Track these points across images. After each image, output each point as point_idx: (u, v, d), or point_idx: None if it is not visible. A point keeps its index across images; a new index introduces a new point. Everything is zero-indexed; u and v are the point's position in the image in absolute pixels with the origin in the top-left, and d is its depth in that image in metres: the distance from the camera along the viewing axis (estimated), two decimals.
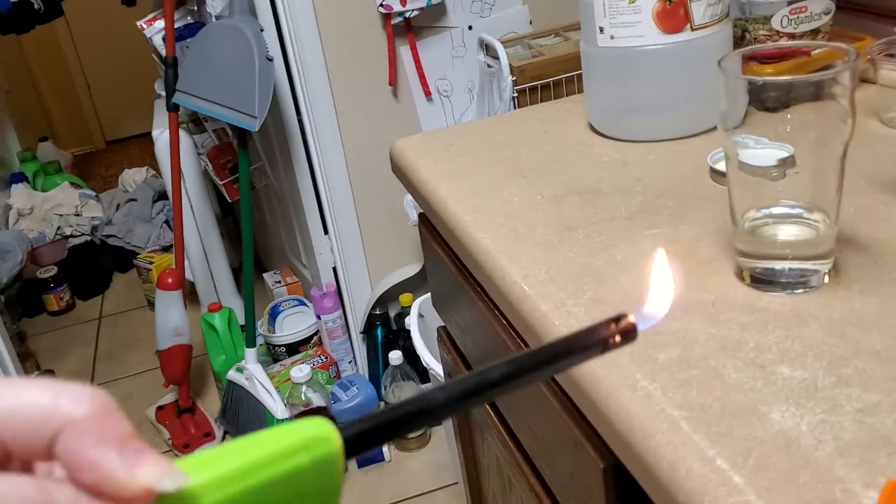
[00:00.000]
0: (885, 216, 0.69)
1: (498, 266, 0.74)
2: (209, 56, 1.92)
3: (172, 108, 2.03)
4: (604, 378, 0.56)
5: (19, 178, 3.58)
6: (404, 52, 2.01)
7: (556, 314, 0.65)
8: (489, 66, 1.91)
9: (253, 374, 2.01)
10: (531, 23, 2.05)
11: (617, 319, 0.34)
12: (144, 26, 2.17)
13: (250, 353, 2.03)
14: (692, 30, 0.87)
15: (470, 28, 2.02)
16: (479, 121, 1.60)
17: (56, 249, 3.28)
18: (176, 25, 2.10)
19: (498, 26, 2.00)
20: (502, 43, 1.87)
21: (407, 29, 1.98)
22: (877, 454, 0.45)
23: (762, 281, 0.62)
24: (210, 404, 2.30)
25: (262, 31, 1.87)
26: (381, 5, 1.91)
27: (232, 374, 2.08)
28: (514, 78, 1.81)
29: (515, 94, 1.81)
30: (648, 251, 0.70)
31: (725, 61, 0.59)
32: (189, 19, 2.17)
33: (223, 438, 2.19)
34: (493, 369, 0.32)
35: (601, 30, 0.90)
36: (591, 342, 0.33)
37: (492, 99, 1.91)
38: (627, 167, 0.88)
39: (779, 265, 0.62)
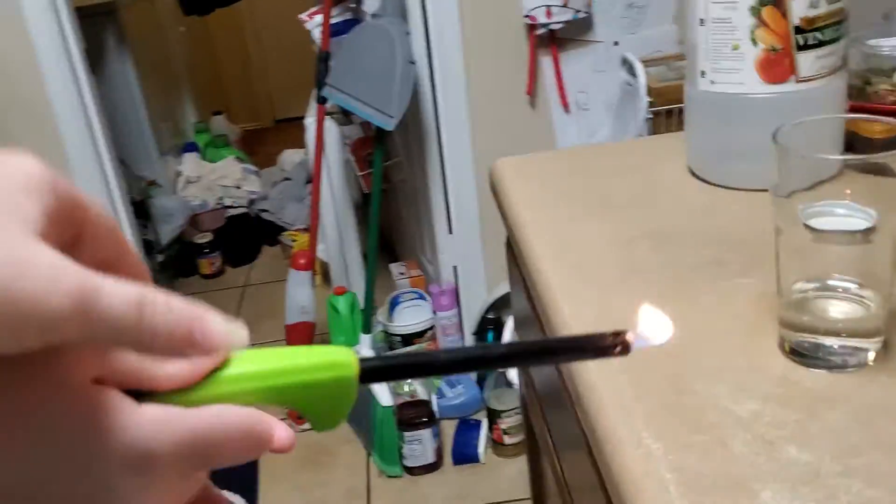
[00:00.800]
0: None
1: (552, 300, 0.75)
2: (357, 54, 2.01)
3: (320, 100, 2.14)
4: (613, 430, 0.57)
5: (191, 147, 3.85)
6: (546, 62, 2.02)
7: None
8: (629, 84, 1.90)
9: None
10: (680, 43, 2.01)
11: (617, 334, 0.37)
12: (306, 19, 2.29)
13: (365, 339, 2.12)
14: (797, 81, 0.85)
15: (616, 44, 2.01)
16: (586, 147, 1.61)
17: (215, 217, 3.52)
18: (334, 21, 2.21)
19: (645, 44, 1.98)
20: (646, 62, 1.85)
21: (551, 41, 1.99)
22: None
23: (802, 355, 0.61)
24: None
25: (408, 34, 1.94)
26: (527, 16, 1.93)
27: None
28: (651, 99, 1.79)
29: (650, 116, 1.79)
30: (701, 305, 0.70)
31: (781, 134, 0.58)
32: (348, 15, 2.27)
33: None
34: (496, 347, 0.43)
35: (702, 73, 0.89)
36: (589, 346, 0.38)
37: (629, 118, 1.89)
38: (712, 214, 0.87)
39: (823, 341, 0.60)
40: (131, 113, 3.36)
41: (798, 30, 0.83)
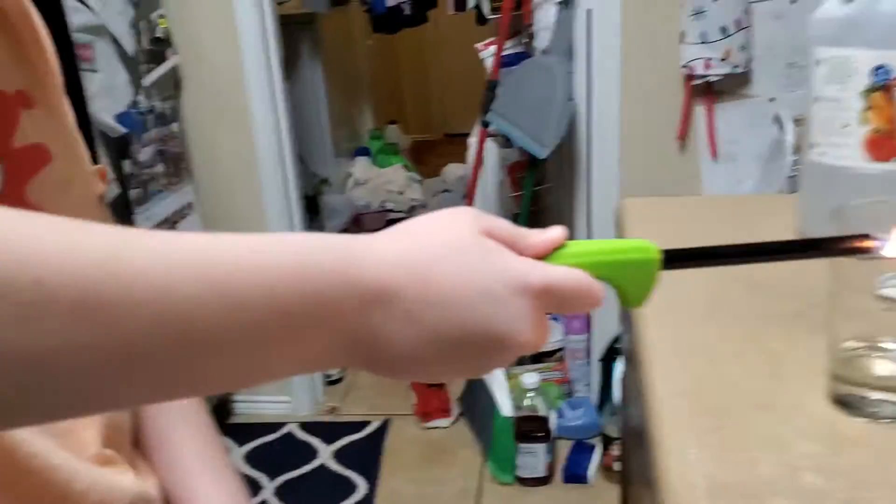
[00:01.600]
0: None
1: (639, 326, 0.87)
2: (522, 86, 2.16)
3: (484, 123, 2.31)
4: (665, 440, 0.69)
5: (364, 152, 4.15)
6: (700, 110, 2.10)
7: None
8: (779, 140, 1.95)
9: None
10: None
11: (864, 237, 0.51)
12: (482, 48, 2.47)
13: None
14: None
15: (772, 100, 2.06)
16: (712, 196, 1.67)
17: (377, 219, 3.78)
18: (506, 52, 2.37)
19: (801, 103, 2.01)
20: (798, 121, 1.90)
21: (707, 90, 2.07)
22: None
23: (844, 403, 0.70)
24: (459, 386, 2.57)
25: (570, 73, 2.08)
26: (684, 66, 2.02)
27: None
28: (797, 157, 1.84)
29: (795, 174, 1.84)
30: (770, 349, 0.80)
31: (849, 207, 0.68)
32: (519, 49, 2.43)
33: (456, 419, 2.45)
34: (772, 243, 0.53)
35: (813, 145, 0.98)
36: (839, 244, 0.52)
37: (775, 173, 1.94)
38: (805, 270, 0.95)
39: (868, 394, 0.69)
40: (315, 116, 3.66)
41: None
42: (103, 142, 1.81)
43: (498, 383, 2.23)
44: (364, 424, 2.45)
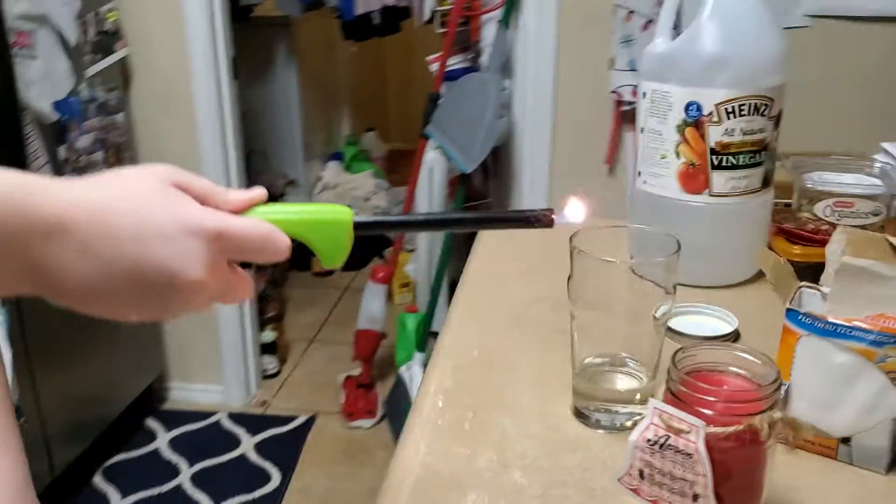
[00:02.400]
0: None
1: (446, 328, 0.92)
2: (458, 100, 2.22)
3: (423, 135, 2.36)
4: (410, 431, 0.74)
5: (337, 157, 4.20)
6: (629, 137, 2.15)
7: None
8: None
9: (413, 376, 2.28)
10: None
11: (546, 210, 0.55)
12: (430, 61, 2.53)
13: (418, 357, 2.31)
14: (710, 195, 0.97)
15: None
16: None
17: None
18: (454, 67, 2.42)
19: None
20: None
21: (634, 116, 2.12)
22: None
23: (580, 415, 0.75)
24: (385, 389, 2.62)
25: (504, 90, 2.13)
26: (613, 91, 2.07)
27: (402, 370, 2.38)
28: None
29: None
30: (543, 360, 0.85)
31: (577, 238, 0.73)
32: (466, 64, 2.49)
33: (380, 420, 2.50)
34: (454, 213, 0.68)
35: (639, 173, 1.03)
36: (521, 217, 0.56)
37: None
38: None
39: (595, 405, 0.74)
40: (287, 117, 3.72)
41: (713, 151, 0.95)
42: (37, 127, 1.87)
43: (416, 385, 2.28)
44: (290, 419, 2.50)
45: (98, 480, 2.20)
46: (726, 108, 0.94)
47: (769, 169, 0.99)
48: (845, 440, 0.69)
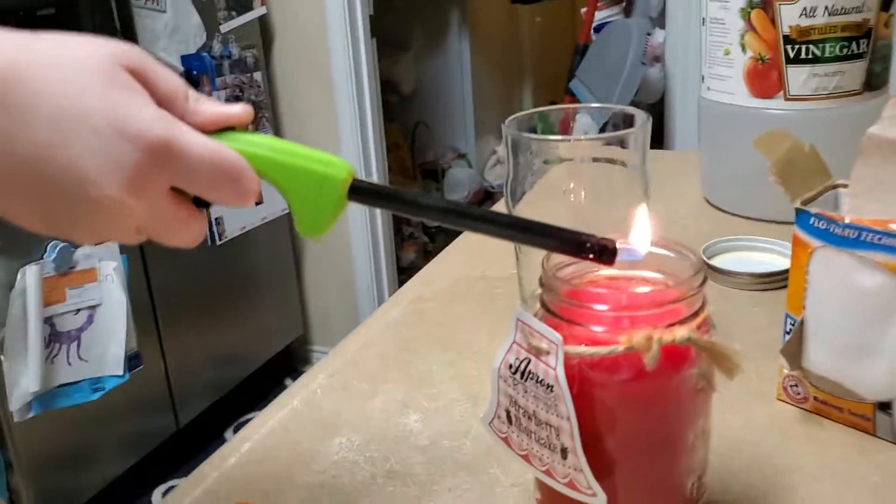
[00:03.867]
0: None
1: None
2: (601, 49, 2.03)
3: (567, 91, 2.18)
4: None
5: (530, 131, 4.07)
6: None
7: None
8: None
9: None
10: None
11: (603, 241, 0.37)
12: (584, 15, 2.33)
13: None
14: (786, 99, 0.75)
15: None
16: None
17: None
18: (605, 20, 2.22)
19: None
20: None
21: None
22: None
23: None
24: None
25: (648, 34, 1.91)
26: None
27: None
28: None
29: None
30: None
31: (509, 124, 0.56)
32: (618, 15, 2.27)
33: None
34: (478, 209, 0.40)
35: (703, 77, 0.82)
36: (572, 240, 0.38)
37: None
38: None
39: None
40: (458, 89, 3.65)
41: (788, 39, 0.73)
42: None
43: None
44: None
45: (229, 435, 2.23)
46: None
47: (876, 65, 0.75)
48: (884, 406, 0.47)
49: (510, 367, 0.39)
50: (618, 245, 0.37)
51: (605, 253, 0.37)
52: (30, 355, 1.50)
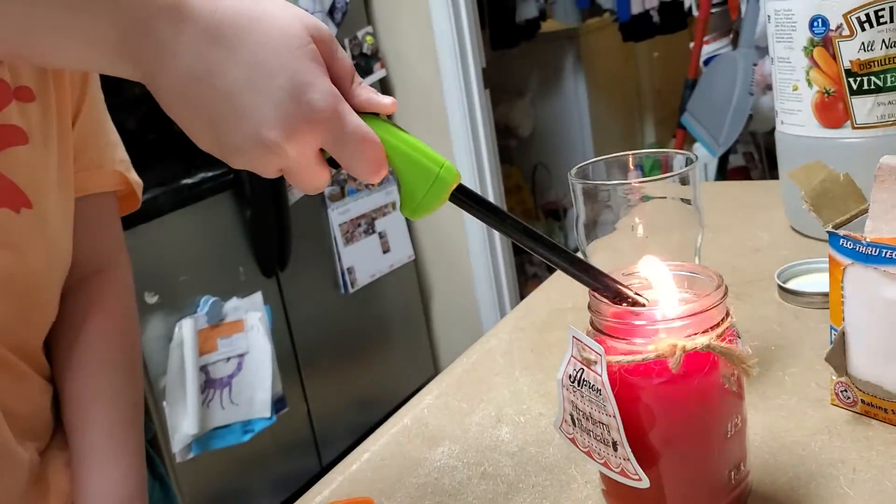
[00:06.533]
0: None
1: None
2: (709, 83, 2.07)
3: (679, 125, 2.22)
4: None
5: (637, 168, 4.09)
6: None
7: None
8: None
9: None
10: None
11: (637, 296, 0.47)
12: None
13: None
14: (853, 128, 0.80)
15: None
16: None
17: None
18: (714, 53, 2.26)
19: None
20: None
21: None
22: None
23: None
24: None
25: (755, 65, 1.94)
26: None
27: None
28: None
29: None
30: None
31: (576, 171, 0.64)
32: (727, 47, 2.30)
33: None
34: (548, 240, 0.48)
35: (777, 112, 0.88)
36: (609, 286, 0.47)
37: None
38: (759, 253, 0.86)
39: None
40: (576, 128, 3.72)
41: (849, 73, 0.78)
42: None
43: None
44: None
45: None
46: (858, 18, 0.76)
47: None
48: None
49: (569, 376, 0.48)
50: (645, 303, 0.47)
51: (635, 305, 0.47)
52: (188, 401, 1.67)
